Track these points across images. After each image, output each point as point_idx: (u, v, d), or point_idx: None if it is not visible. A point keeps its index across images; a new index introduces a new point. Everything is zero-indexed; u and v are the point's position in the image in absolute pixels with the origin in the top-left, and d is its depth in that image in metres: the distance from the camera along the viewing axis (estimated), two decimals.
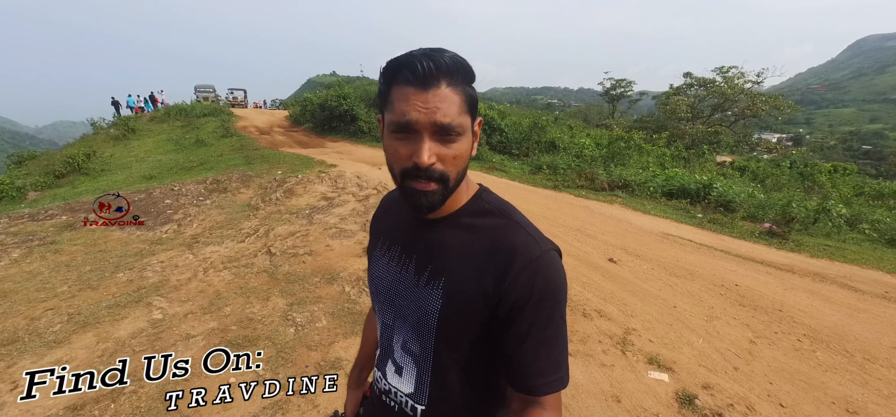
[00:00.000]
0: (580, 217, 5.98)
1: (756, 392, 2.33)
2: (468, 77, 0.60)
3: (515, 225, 0.64)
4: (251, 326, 2.91)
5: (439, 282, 0.65)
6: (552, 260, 0.61)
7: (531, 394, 0.61)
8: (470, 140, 0.61)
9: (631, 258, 4.38)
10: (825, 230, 6.34)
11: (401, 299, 0.70)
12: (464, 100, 0.58)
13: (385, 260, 0.75)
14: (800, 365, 2.60)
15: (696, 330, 2.98)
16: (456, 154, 0.59)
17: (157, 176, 10.21)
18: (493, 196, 0.70)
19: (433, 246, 0.67)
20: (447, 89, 0.56)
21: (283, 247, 4.36)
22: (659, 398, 2.27)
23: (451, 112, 0.56)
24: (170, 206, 6.00)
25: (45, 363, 2.51)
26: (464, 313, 0.63)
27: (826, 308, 3.40)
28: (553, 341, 0.60)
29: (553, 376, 0.60)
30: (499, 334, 0.62)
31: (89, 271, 3.87)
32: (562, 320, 0.62)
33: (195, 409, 2.19)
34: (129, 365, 2.45)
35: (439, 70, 0.56)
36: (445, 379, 0.67)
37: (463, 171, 0.62)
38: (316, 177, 7.77)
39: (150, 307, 3.18)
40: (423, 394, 0.69)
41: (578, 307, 3.22)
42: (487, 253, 0.62)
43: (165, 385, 2.29)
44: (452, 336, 0.65)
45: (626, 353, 2.66)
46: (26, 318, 3.03)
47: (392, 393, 0.74)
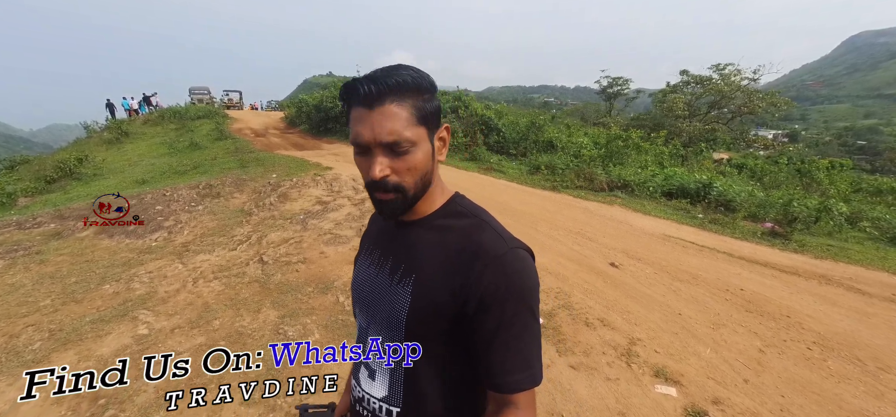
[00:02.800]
0: (580, 219, 5.88)
1: (768, 407, 2.23)
2: (420, 90, 0.61)
3: (484, 224, 0.66)
4: (241, 341, 2.79)
5: (409, 279, 0.67)
6: (518, 258, 0.62)
7: (501, 392, 0.62)
8: (426, 150, 0.63)
9: (633, 262, 4.28)
10: (827, 229, 6.28)
11: (376, 299, 0.71)
12: (412, 113, 0.60)
13: (366, 264, 0.78)
14: (811, 376, 2.51)
15: (703, 338, 2.88)
16: (409, 166, 0.61)
17: (150, 180, 10.05)
18: (466, 200, 0.73)
19: (407, 247, 0.70)
20: (392, 107, 0.59)
21: (275, 255, 4.23)
22: (667, 415, 2.17)
23: (397, 128, 0.59)
24: (161, 212, 5.86)
25: (22, 384, 2.38)
26: (432, 309, 0.64)
27: (834, 312, 3.32)
28: (521, 338, 0.61)
29: (522, 373, 0.61)
30: (470, 332, 0.63)
31: (74, 283, 3.74)
32: (531, 317, 0.62)
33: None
34: (113, 389, 2.34)
35: (382, 90, 0.58)
36: (418, 380, 0.68)
37: (422, 179, 0.64)
38: (311, 181, 7.64)
39: (135, 321, 3.05)
40: (397, 397, 0.69)
41: (581, 316, 3.12)
42: (456, 250, 0.64)
43: (152, 408, 2.17)
44: (422, 332, 0.66)
45: (632, 365, 2.56)
46: (5, 335, 2.89)
47: (365, 401, 0.74)
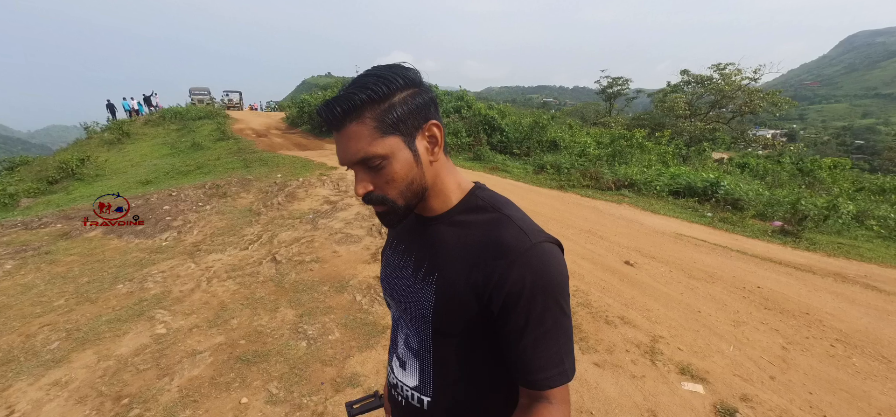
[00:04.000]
0: (590, 218, 5.87)
1: (798, 404, 2.22)
2: (378, 99, 0.58)
3: (506, 219, 0.63)
4: (260, 340, 2.76)
5: (433, 278, 0.66)
6: (544, 252, 0.60)
7: (534, 388, 0.61)
8: (404, 158, 0.60)
9: (647, 260, 4.27)
10: (835, 227, 6.28)
11: (403, 295, 0.71)
12: (375, 127, 0.58)
13: (392, 258, 0.77)
14: (837, 373, 2.50)
15: (725, 336, 2.87)
16: (387, 179, 0.60)
17: (154, 181, 10.02)
18: (487, 192, 0.70)
19: (429, 244, 0.69)
20: (354, 126, 0.57)
21: (288, 254, 4.21)
22: (697, 412, 2.16)
23: (360, 146, 0.58)
24: (169, 212, 5.83)
25: (43, 384, 2.35)
26: (455, 308, 0.63)
27: (853, 310, 3.31)
28: (553, 334, 0.60)
29: (555, 369, 0.60)
30: (497, 329, 0.62)
31: (87, 283, 3.71)
32: (561, 312, 0.60)
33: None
34: (135, 387, 2.32)
35: (338, 115, 0.57)
36: (447, 373, 0.68)
37: (408, 187, 0.62)
38: (317, 181, 7.61)
39: (152, 321, 3.02)
40: (427, 386, 0.70)
41: (600, 314, 3.10)
42: (478, 248, 0.62)
43: (177, 406, 2.15)
44: (447, 330, 0.66)
45: (656, 363, 2.55)
46: (22, 335, 2.86)
47: (399, 387, 0.75)
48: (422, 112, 0.61)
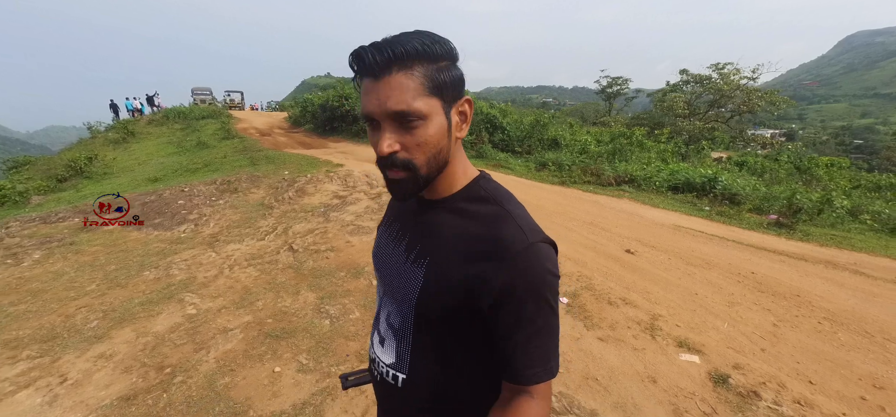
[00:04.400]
0: (592, 211, 6.07)
1: (785, 372, 2.42)
2: (432, 58, 0.57)
3: (507, 214, 0.62)
4: (286, 319, 2.96)
5: (424, 261, 0.65)
6: (539, 253, 0.59)
7: (519, 383, 0.61)
8: (440, 124, 0.59)
9: (647, 249, 4.47)
10: (829, 221, 6.48)
11: (391, 273, 0.72)
12: (423, 83, 0.56)
13: (386, 236, 0.77)
14: (823, 346, 2.69)
15: (720, 315, 3.07)
16: (420, 140, 0.57)
17: (162, 178, 10.19)
18: (492, 183, 0.69)
19: (425, 227, 0.68)
20: (399, 76, 0.55)
21: (304, 244, 4.40)
22: (693, 378, 2.35)
23: (405, 98, 0.55)
24: (184, 207, 6.01)
25: (89, 357, 2.54)
26: (443, 295, 0.63)
27: (841, 293, 3.51)
28: (544, 333, 0.61)
29: (541, 366, 0.61)
30: (484, 324, 0.62)
31: (114, 270, 3.90)
32: (551, 312, 0.61)
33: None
34: (175, 359, 2.52)
35: (389, 58, 0.55)
36: (424, 356, 0.68)
37: (435, 157, 0.60)
38: (325, 177, 7.80)
39: (182, 303, 3.21)
40: (404, 365, 0.70)
41: (603, 296, 3.30)
42: (475, 240, 0.62)
43: (216, 374, 2.34)
44: (430, 315, 0.65)
45: (656, 338, 2.74)
46: (61, 316, 3.05)
47: (376, 362, 0.76)
48: (459, 85, 0.61)
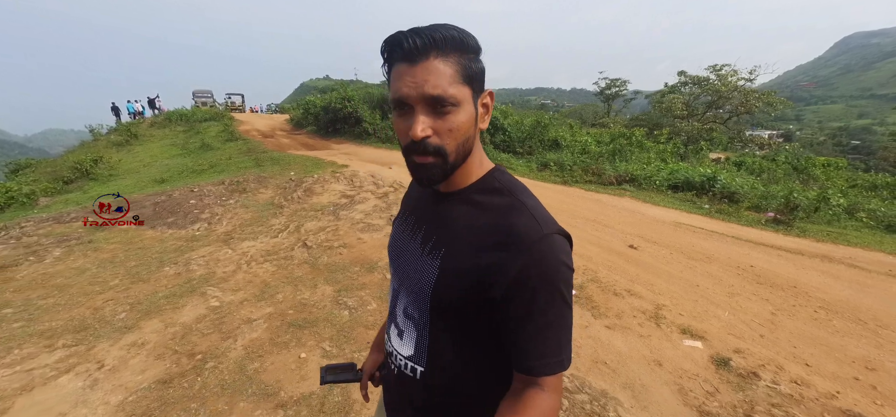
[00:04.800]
0: (594, 209, 6.22)
1: (783, 355, 2.56)
2: (465, 48, 0.60)
3: (521, 205, 0.63)
4: (306, 310, 3.09)
5: (439, 252, 0.66)
6: (553, 244, 0.60)
7: (531, 375, 0.61)
8: (470, 112, 0.61)
9: (649, 244, 4.61)
10: (826, 218, 6.64)
11: (407, 265, 0.73)
12: (457, 71, 0.59)
13: (401, 228, 0.79)
14: (819, 332, 2.84)
15: (721, 305, 3.21)
16: (451, 126, 0.59)
17: (169, 179, 10.30)
18: (507, 175, 0.70)
19: (440, 218, 0.69)
20: (436, 61, 0.57)
21: (317, 241, 4.54)
22: (696, 361, 2.49)
23: (441, 83, 0.57)
24: (195, 206, 6.14)
25: (122, 345, 2.67)
26: (457, 286, 0.63)
27: (836, 284, 3.66)
28: (556, 324, 0.60)
29: (553, 358, 0.61)
30: (498, 314, 0.62)
31: (135, 266, 4.03)
32: (564, 304, 0.61)
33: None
34: (204, 346, 2.65)
35: (427, 43, 0.57)
36: (441, 347, 0.69)
37: (464, 144, 0.62)
38: (331, 177, 7.94)
39: (205, 296, 3.34)
40: (422, 357, 0.71)
41: (609, 287, 3.44)
42: (489, 231, 0.62)
43: (245, 360, 2.47)
44: (445, 306, 0.66)
45: (660, 325, 2.88)
46: (89, 308, 3.18)
47: (394, 356, 0.76)
48: (483, 78, 0.64)
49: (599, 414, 2.02)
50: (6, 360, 2.51)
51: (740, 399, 2.17)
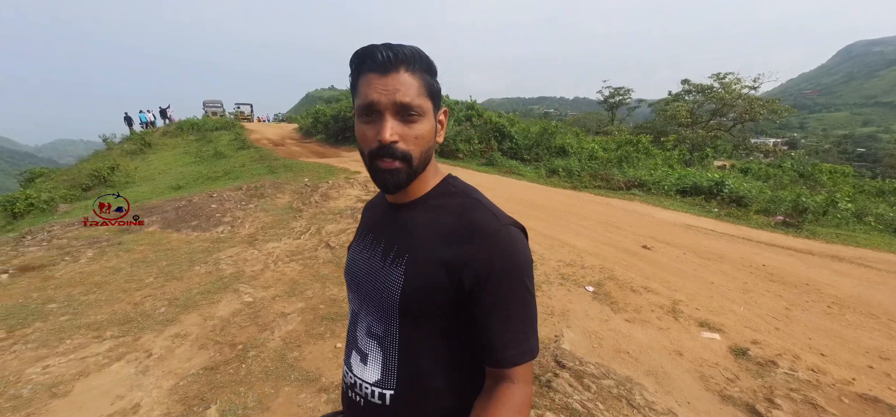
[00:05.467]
0: (605, 212, 6.34)
1: (799, 346, 2.66)
2: (428, 68, 0.66)
3: (477, 203, 0.68)
4: (337, 305, 3.23)
5: (403, 260, 0.67)
6: (510, 235, 0.64)
7: (499, 366, 0.63)
8: (432, 123, 0.66)
9: (661, 245, 4.73)
10: (834, 222, 6.71)
11: (368, 282, 0.71)
12: (423, 85, 0.64)
13: (359, 249, 0.78)
14: (832, 325, 2.94)
15: (735, 300, 3.32)
16: (417, 134, 0.64)
17: (185, 186, 10.53)
18: (459, 181, 0.75)
19: (401, 228, 0.71)
20: (406, 74, 0.62)
21: (339, 242, 4.69)
22: (715, 351, 2.60)
23: (410, 93, 0.62)
24: (216, 211, 6.32)
25: (166, 336, 2.82)
26: (426, 287, 0.64)
27: (847, 282, 3.75)
28: (520, 313, 0.63)
29: (520, 347, 0.63)
30: (466, 309, 0.64)
31: (166, 266, 4.19)
32: (527, 293, 0.63)
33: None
34: (243, 337, 2.79)
35: (398, 57, 0.62)
36: (413, 360, 0.68)
37: (426, 153, 0.66)
38: (345, 183, 8.13)
39: (238, 292, 3.49)
40: (390, 378, 0.69)
41: (626, 285, 3.56)
42: (450, 229, 0.66)
43: (284, 349, 2.61)
44: (416, 311, 0.66)
45: (678, 319, 3.00)
46: (130, 304, 3.33)
47: (357, 386, 0.72)
48: (440, 98, 0.70)
49: (626, 397, 2.14)
50: (59, 349, 2.67)
51: (760, 385, 2.28)
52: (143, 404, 2.17)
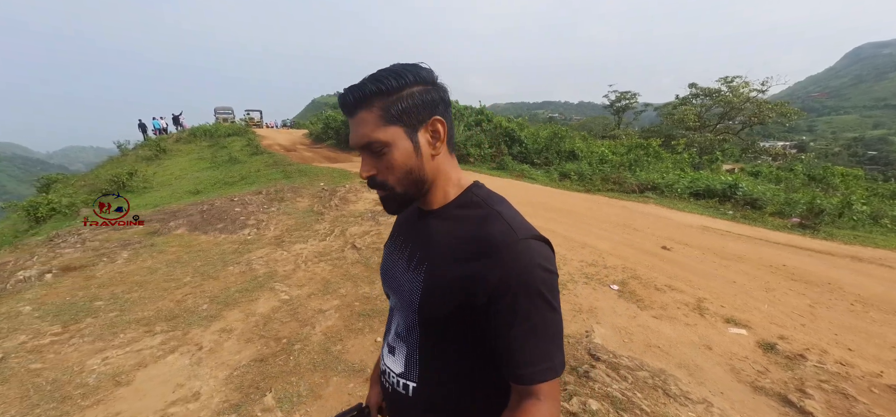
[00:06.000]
0: (621, 215, 6.42)
1: (825, 341, 2.74)
2: (386, 92, 0.63)
3: (496, 215, 0.66)
4: (371, 303, 3.35)
5: (423, 267, 0.69)
6: (529, 248, 0.61)
7: (521, 383, 0.62)
8: (404, 148, 0.65)
9: (680, 246, 4.80)
10: (850, 224, 6.74)
11: (397, 283, 0.75)
12: (380, 115, 0.63)
13: (390, 249, 0.82)
14: (857, 322, 3.01)
15: (759, 298, 3.39)
16: (387, 165, 0.66)
17: (203, 191, 10.75)
18: (484, 190, 0.73)
19: (423, 236, 0.72)
20: (362, 113, 0.64)
21: (364, 243, 4.82)
22: (743, 346, 2.69)
23: (365, 132, 0.64)
24: (240, 214, 6.49)
25: (212, 331, 2.95)
26: (442, 297, 0.66)
27: (869, 281, 3.81)
28: (540, 329, 0.61)
29: (543, 364, 0.61)
30: (484, 322, 0.63)
31: (201, 266, 4.34)
32: (548, 307, 0.61)
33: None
34: (286, 332, 2.92)
35: (356, 97, 0.64)
36: (431, 363, 0.71)
37: (406, 176, 0.67)
38: (362, 187, 8.26)
39: (274, 290, 3.63)
40: (413, 373, 0.73)
41: (650, 283, 3.64)
42: (468, 241, 0.65)
43: (327, 343, 2.73)
44: (433, 319, 0.68)
45: (704, 316, 3.08)
46: (172, 301, 3.48)
47: (387, 374, 0.78)
48: (428, 107, 0.66)
49: (662, 388, 2.23)
50: (115, 342, 2.81)
51: (790, 377, 2.36)
52: (203, 392, 2.30)
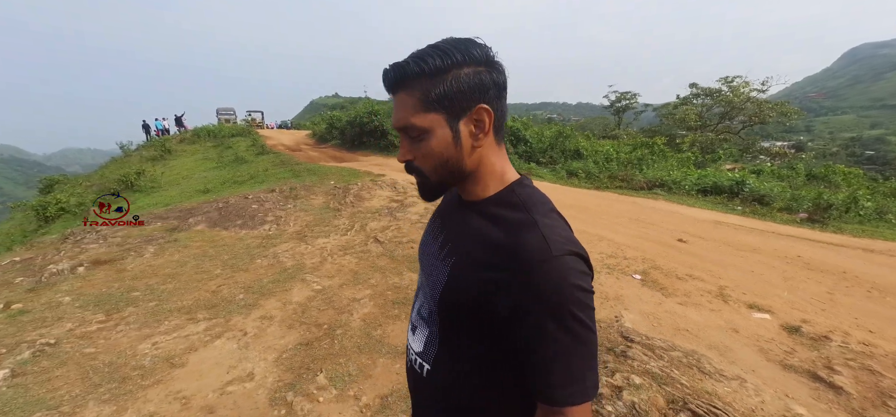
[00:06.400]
0: (633, 210, 6.53)
1: (847, 324, 2.85)
2: (428, 74, 0.59)
3: (533, 223, 0.60)
4: (403, 292, 3.44)
5: (451, 260, 0.67)
6: (563, 266, 0.56)
7: (550, 405, 0.57)
8: (443, 136, 0.61)
9: (695, 239, 4.92)
10: (857, 219, 6.87)
11: (428, 264, 0.74)
12: (421, 99, 0.60)
13: (429, 229, 0.81)
14: (876, 307, 3.12)
15: (778, 286, 3.50)
16: (423, 152, 0.63)
17: (212, 190, 10.81)
18: (527, 190, 0.67)
19: (458, 227, 0.70)
20: (402, 94, 0.61)
21: (385, 237, 4.91)
22: (768, 329, 2.79)
23: (404, 115, 0.61)
24: (258, 211, 6.58)
25: (253, 318, 3.04)
26: (461, 294, 0.64)
27: (884, 270, 3.93)
28: (572, 350, 0.56)
29: (574, 387, 0.56)
30: (505, 331, 0.60)
31: (229, 259, 4.43)
32: (580, 326, 0.56)
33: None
34: (325, 319, 3.01)
35: (395, 79, 0.61)
36: (446, 350, 0.70)
37: (442, 166, 0.63)
38: (374, 185, 8.36)
39: (305, 282, 3.72)
40: (429, 355, 0.72)
41: (670, 273, 3.75)
42: (498, 246, 0.61)
43: (367, 328, 2.83)
44: (451, 311, 0.67)
45: (728, 302, 3.19)
46: (207, 292, 3.57)
47: (409, 349, 0.79)
48: (475, 93, 0.61)
49: (696, 366, 2.33)
50: (161, 329, 2.90)
51: (817, 356, 2.47)
52: (256, 372, 2.39)
